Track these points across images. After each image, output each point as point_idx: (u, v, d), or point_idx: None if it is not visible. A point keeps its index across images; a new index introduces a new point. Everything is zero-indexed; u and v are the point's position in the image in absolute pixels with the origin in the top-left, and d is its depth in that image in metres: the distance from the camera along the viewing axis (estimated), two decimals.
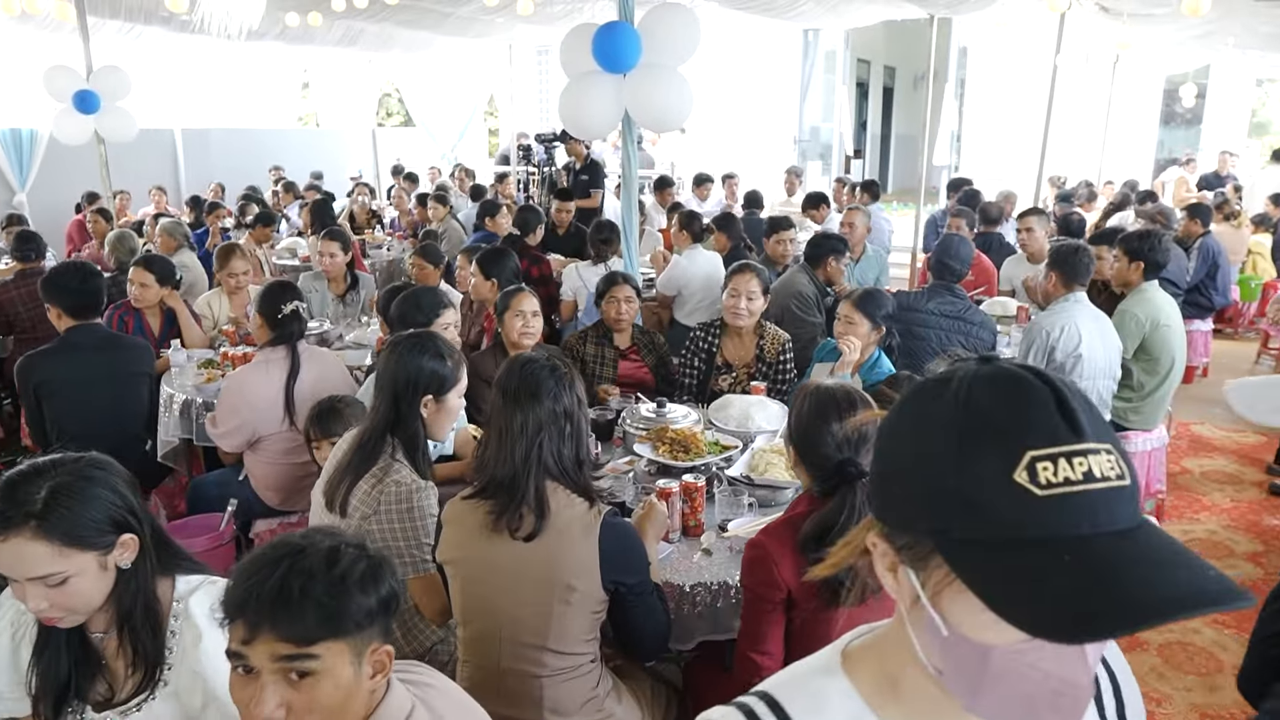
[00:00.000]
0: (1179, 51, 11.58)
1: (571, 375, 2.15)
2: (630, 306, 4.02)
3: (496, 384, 2.15)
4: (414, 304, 3.29)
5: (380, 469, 2.39)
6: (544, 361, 2.14)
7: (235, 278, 5.12)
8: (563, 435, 2.09)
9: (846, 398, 2.05)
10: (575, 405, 2.12)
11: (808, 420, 2.05)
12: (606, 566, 2.04)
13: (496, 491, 2.06)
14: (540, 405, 2.07)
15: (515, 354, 2.20)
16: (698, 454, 2.89)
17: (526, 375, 2.10)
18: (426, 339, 2.53)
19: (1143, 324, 4.36)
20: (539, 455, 2.05)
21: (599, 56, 4.39)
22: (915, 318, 4.32)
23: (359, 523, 2.35)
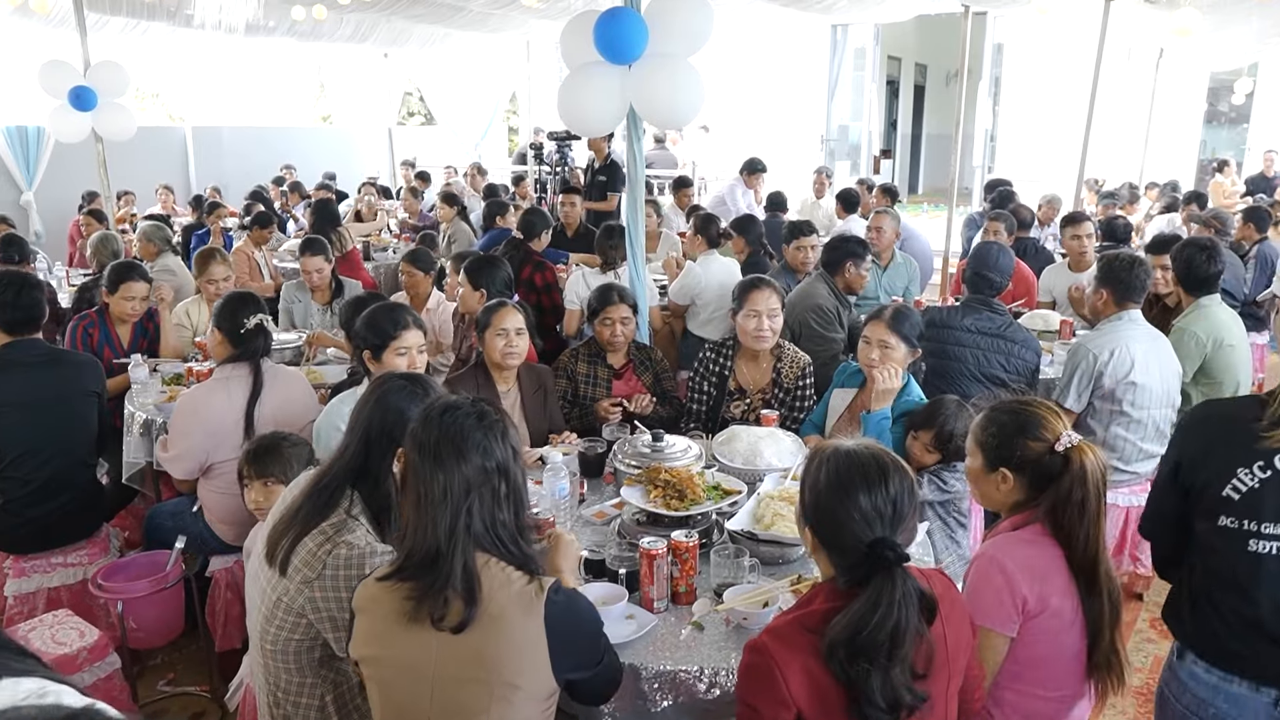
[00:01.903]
0: (1228, 47, 11.00)
1: (504, 422, 1.76)
2: (627, 328, 3.63)
3: (411, 437, 1.76)
4: (367, 323, 2.92)
5: (333, 525, 2.02)
6: (468, 407, 1.74)
7: (215, 284, 4.79)
8: (496, 497, 1.70)
9: (875, 462, 1.64)
10: (510, 458, 1.73)
11: (827, 494, 1.65)
12: (559, 656, 1.66)
13: (416, 571, 1.67)
14: (466, 462, 1.68)
15: (431, 399, 1.82)
16: (694, 500, 2.49)
17: (448, 426, 1.71)
18: (421, 384, 2.18)
19: (1204, 344, 3.90)
20: (467, 524, 1.67)
21: (601, 46, 4.00)
22: (949, 336, 3.88)
23: (299, 586, 1.98)
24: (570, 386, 3.66)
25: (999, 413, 2.06)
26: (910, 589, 1.53)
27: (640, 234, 4.32)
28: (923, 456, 2.99)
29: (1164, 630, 3.74)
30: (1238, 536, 1.85)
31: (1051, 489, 1.96)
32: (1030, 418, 2.01)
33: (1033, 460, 1.98)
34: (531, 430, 3.34)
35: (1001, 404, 2.08)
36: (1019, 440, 2.00)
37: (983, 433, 2.07)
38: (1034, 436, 1.99)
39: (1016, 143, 14.85)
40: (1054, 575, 1.95)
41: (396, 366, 2.89)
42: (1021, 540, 1.98)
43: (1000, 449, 2.03)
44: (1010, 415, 2.04)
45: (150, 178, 10.85)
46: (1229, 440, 1.88)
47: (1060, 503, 1.94)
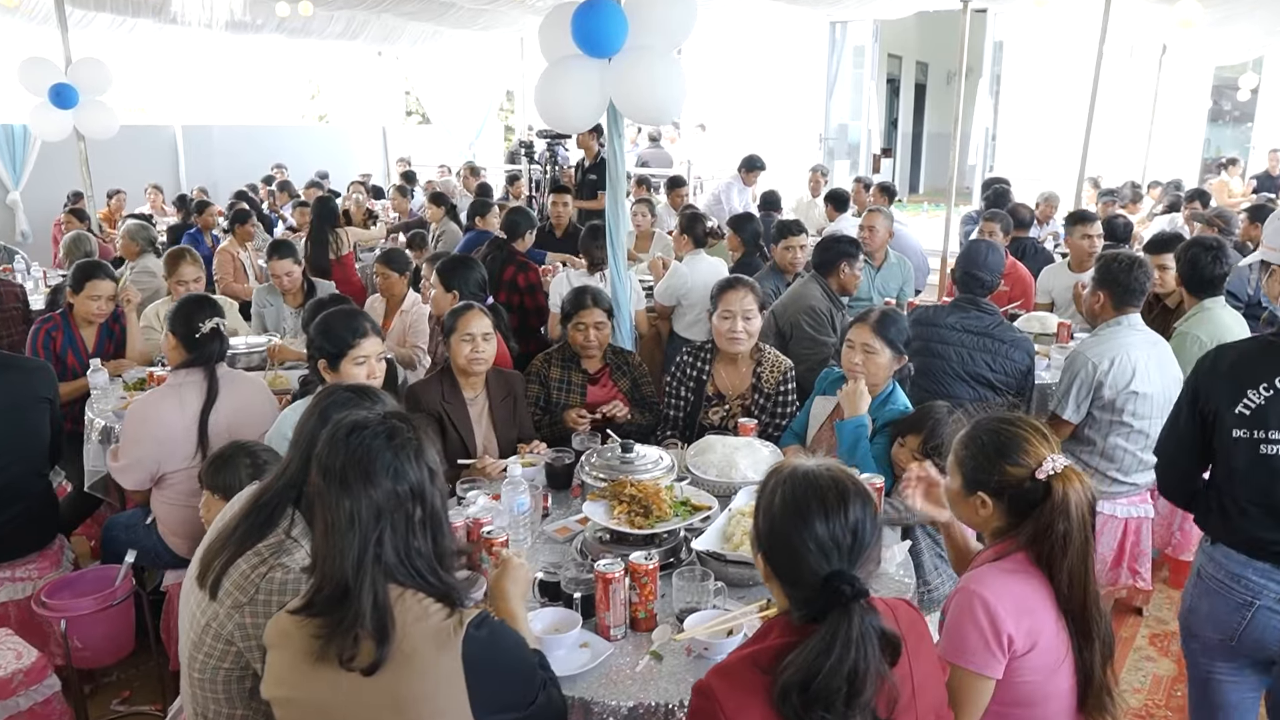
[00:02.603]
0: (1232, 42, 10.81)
1: (419, 439, 1.61)
2: (601, 333, 3.48)
3: (315, 461, 1.61)
4: (323, 330, 2.76)
5: (270, 547, 1.87)
6: (377, 425, 1.59)
7: (186, 285, 4.64)
8: (410, 523, 1.55)
9: (834, 486, 1.49)
10: (427, 479, 1.58)
11: (781, 520, 1.49)
12: (481, 697, 1.51)
13: (324, 606, 1.52)
14: (375, 487, 1.53)
15: (338, 416, 1.67)
16: (660, 517, 2.33)
17: (354, 448, 1.55)
18: (368, 395, 2.04)
19: (1206, 348, 3.70)
20: (377, 554, 1.52)
21: (579, 38, 3.86)
22: (933, 333, 3.73)
23: (229, 611, 1.83)
24: (543, 392, 3.51)
25: (980, 431, 1.90)
26: (869, 627, 1.38)
27: (621, 235, 4.17)
28: (909, 465, 2.83)
29: (1164, 647, 3.60)
30: (1250, 444, 2.21)
31: (1032, 519, 1.80)
32: (1011, 439, 1.85)
33: (1012, 486, 1.82)
34: (500, 439, 3.19)
35: (984, 421, 1.92)
36: (998, 463, 1.84)
37: (962, 451, 1.91)
38: (1014, 461, 1.83)
39: (1017, 141, 14.66)
40: (1042, 609, 1.78)
41: (354, 377, 2.74)
42: (1004, 571, 1.81)
43: (978, 471, 1.87)
44: (990, 435, 1.88)
45: (140, 177, 10.72)
46: (1239, 372, 2.24)
47: (1040, 534, 1.78)
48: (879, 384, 3.03)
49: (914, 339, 3.70)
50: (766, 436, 3.34)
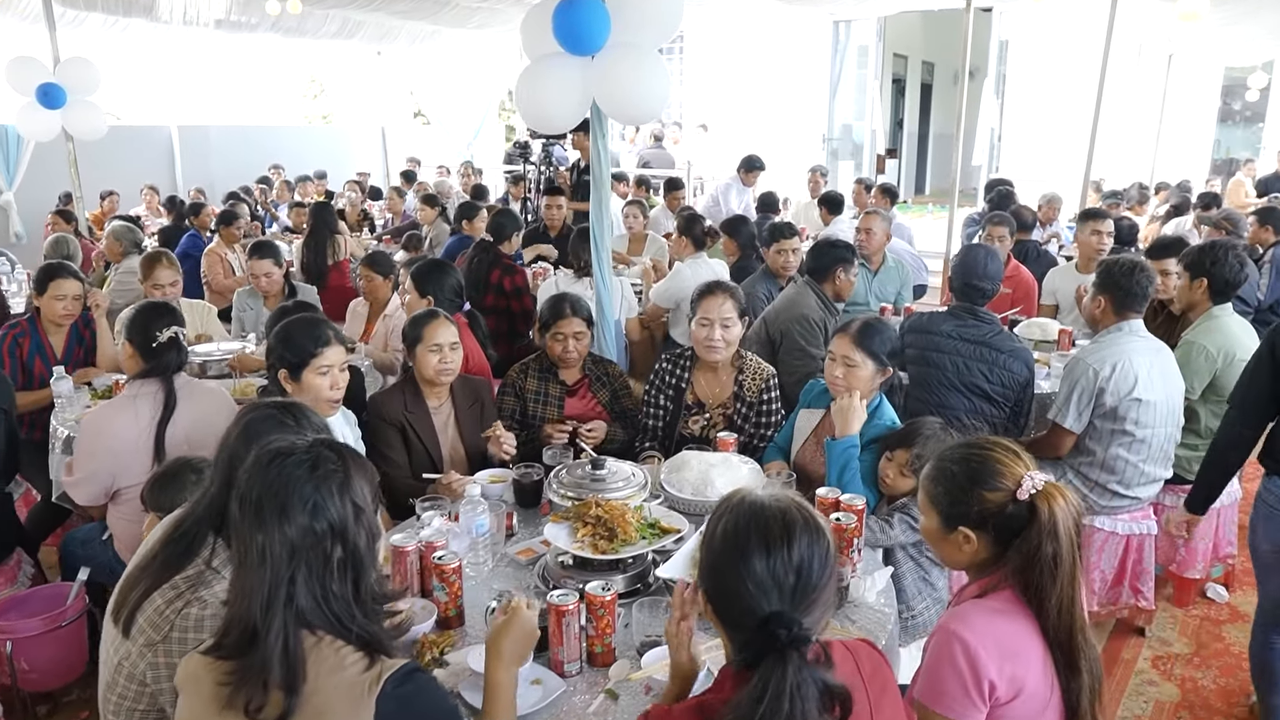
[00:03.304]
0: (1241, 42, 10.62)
1: (345, 469, 1.47)
2: (580, 343, 3.33)
3: (235, 489, 1.47)
4: (283, 339, 2.63)
5: (188, 579, 1.74)
6: (301, 454, 1.45)
7: (161, 289, 4.52)
8: (329, 565, 1.41)
9: (780, 519, 1.36)
10: (350, 516, 1.44)
11: (721, 554, 1.37)
12: None
13: (234, 649, 1.39)
14: (289, 522, 1.39)
15: (264, 442, 1.53)
16: (625, 540, 2.19)
17: (272, 478, 1.42)
18: (293, 412, 1.90)
19: (1214, 359, 3.58)
20: (289, 596, 1.38)
21: (561, 35, 3.72)
22: (928, 341, 3.58)
23: (141, 650, 1.70)
24: (518, 404, 3.37)
25: (947, 462, 1.75)
26: (807, 679, 1.23)
27: (605, 239, 4.03)
28: (897, 481, 2.68)
29: (1167, 671, 3.44)
30: None
31: (1016, 546, 1.66)
32: (983, 464, 1.70)
33: (993, 514, 1.68)
34: (468, 448, 3.06)
35: (948, 452, 1.77)
36: (974, 492, 1.69)
37: (933, 487, 1.76)
38: (990, 486, 1.68)
39: (1023, 142, 14.47)
40: (1028, 650, 1.63)
41: (317, 388, 2.61)
42: (989, 610, 1.66)
43: (954, 505, 1.72)
44: (960, 464, 1.73)
45: (135, 178, 10.62)
46: None
47: (1028, 561, 1.64)
48: (864, 398, 2.89)
49: (908, 347, 3.58)
50: (750, 448, 3.21)
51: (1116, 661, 3.49)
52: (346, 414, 2.86)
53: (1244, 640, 3.60)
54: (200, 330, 4.68)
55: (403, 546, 2.14)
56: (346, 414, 2.86)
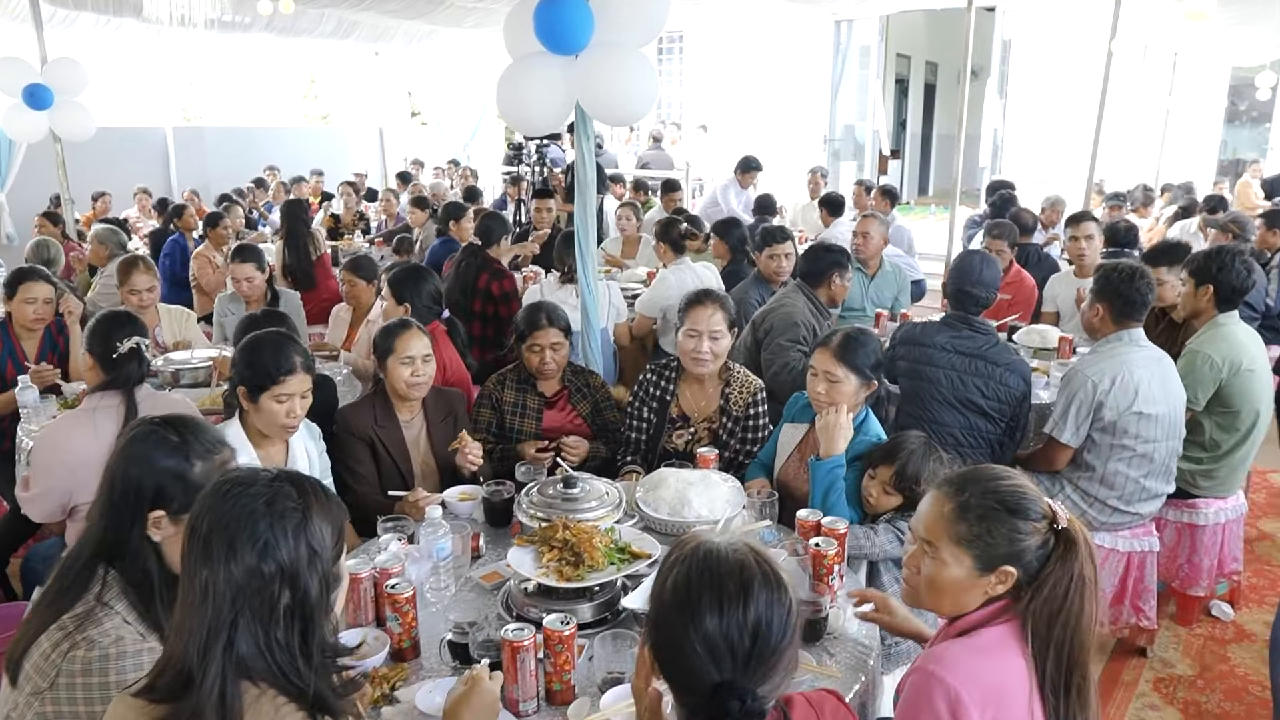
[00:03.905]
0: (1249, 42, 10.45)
1: (305, 508, 1.34)
2: (558, 354, 3.21)
3: (190, 515, 1.37)
4: (247, 358, 2.50)
5: (77, 618, 1.60)
6: (262, 485, 1.34)
7: (138, 295, 4.42)
8: (274, 611, 1.29)
9: (737, 572, 1.23)
10: (303, 560, 1.31)
11: (669, 610, 1.24)
12: None
13: (167, 692, 1.28)
14: (236, 560, 1.28)
15: (223, 472, 1.42)
16: (592, 566, 2.07)
17: (225, 510, 1.31)
18: (180, 429, 1.75)
19: (1219, 368, 3.45)
20: (229, 641, 1.26)
21: (542, 34, 3.60)
22: (922, 354, 3.44)
23: (28, 700, 1.57)
24: (495, 417, 3.25)
25: (977, 499, 1.57)
26: None
27: (590, 244, 3.91)
28: (880, 499, 2.56)
29: (1169, 694, 3.30)
30: None
31: (1047, 580, 1.53)
32: (1015, 494, 1.57)
33: (1036, 549, 1.55)
34: (440, 463, 2.94)
35: (973, 486, 1.60)
36: (1016, 525, 1.55)
37: (965, 529, 1.57)
38: (1032, 516, 1.55)
39: (1026, 143, 14.32)
40: (1018, 697, 1.49)
41: (272, 414, 2.48)
42: (977, 650, 1.53)
43: (997, 544, 1.55)
44: (993, 497, 1.57)
45: (129, 179, 10.54)
46: None
47: (1055, 598, 1.51)
48: (848, 413, 2.76)
49: (900, 359, 3.45)
50: (736, 465, 3.08)
51: (1116, 684, 3.36)
52: (310, 426, 2.74)
53: (1250, 661, 3.47)
54: (179, 337, 4.57)
55: (356, 573, 2.02)
56: (310, 426, 2.74)
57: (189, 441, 1.72)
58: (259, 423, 2.50)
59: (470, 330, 5.07)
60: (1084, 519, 3.31)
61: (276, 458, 2.59)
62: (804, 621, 1.96)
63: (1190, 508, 3.60)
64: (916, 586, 1.66)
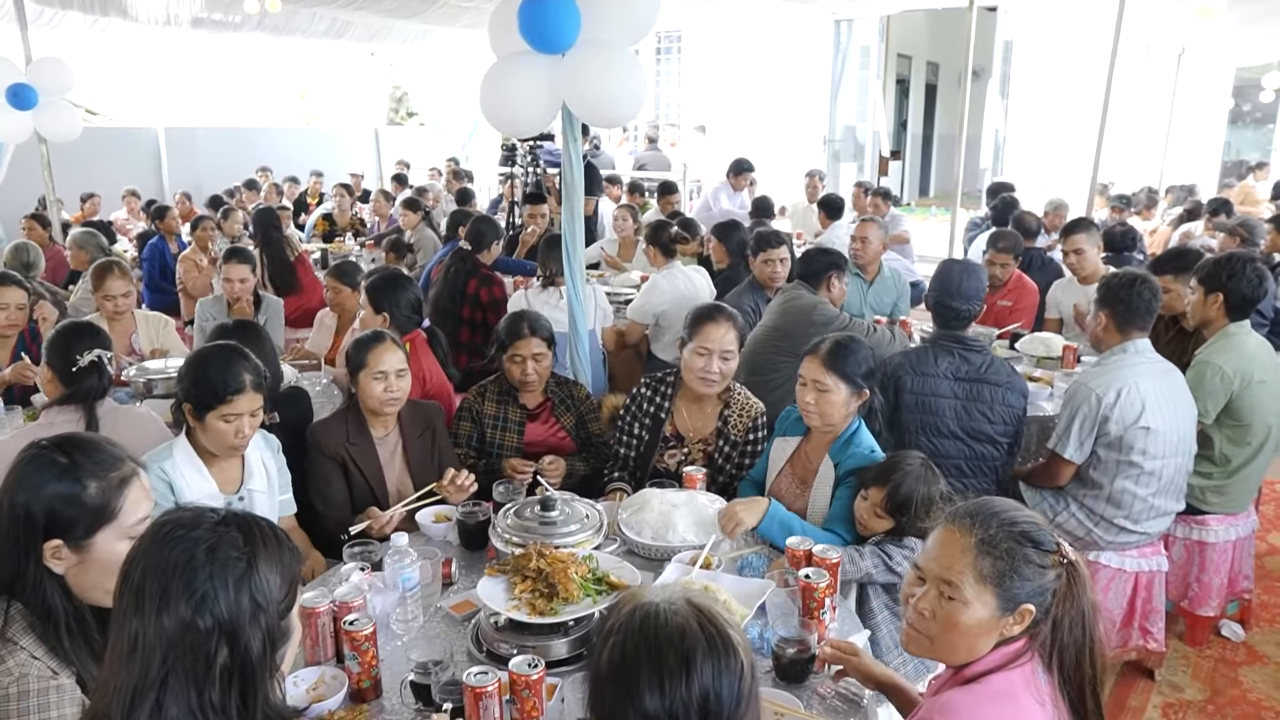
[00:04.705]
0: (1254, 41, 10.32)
1: (251, 557, 1.21)
2: (540, 364, 3.07)
3: (127, 556, 1.24)
4: (195, 375, 2.35)
5: None
6: (206, 529, 1.21)
7: (113, 300, 4.29)
8: (210, 671, 1.17)
9: (677, 642, 1.10)
10: (244, 615, 1.19)
11: (606, 684, 1.12)
12: None
13: None
14: (168, 611, 1.16)
15: (165, 513, 1.28)
16: (566, 599, 1.94)
17: (162, 555, 1.19)
18: (65, 447, 1.60)
19: (1230, 380, 3.31)
20: (158, 703, 1.14)
21: (528, 32, 3.47)
22: (927, 385, 3.19)
23: None
24: (476, 430, 3.11)
25: (1003, 528, 1.45)
26: None
27: (577, 248, 3.77)
28: (870, 522, 2.42)
29: (1177, 719, 3.19)
30: None
31: (1063, 618, 1.43)
32: (1028, 524, 1.47)
33: (1051, 584, 1.44)
34: (417, 482, 2.79)
35: (982, 515, 1.48)
36: (1035, 558, 1.44)
37: (995, 563, 1.43)
38: (1048, 547, 1.45)
39: (1028, 144, 14.18)
40: None
41: (220, 434, 2.34)
42: (990, 699, 1.41)
43: (1021, 580, 1.43)
44: (1013, 527, 1.46)
45: (120, 180, 10.40)
46: None
47: (1077, 634, 1.43)
48: (836, 425, 2.63)
49: (906, 391, 3.20)
50: (731, 491, 2.93)
51: (1124, 709, 3.22)
52: (268, 438, 2.60)
53: (1264, 685, 3.34)
54: (156, 344, 4.44)
55: (314, 606, 1.89)
56: (268, 438, 2.60)
57: (79, 463, 1.57)
58: (205, 441, 2.37)
59: (458, 337, 4.95)
60: (1089, 538, 3.18)
61: (231, 473, 2.46)
62: (789, 662, 1.83)
63: (1199, 525, 3.46)
64: (927, 633, 1.51)
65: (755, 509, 2.41)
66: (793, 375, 3.64)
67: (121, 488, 1.58)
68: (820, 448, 2.66)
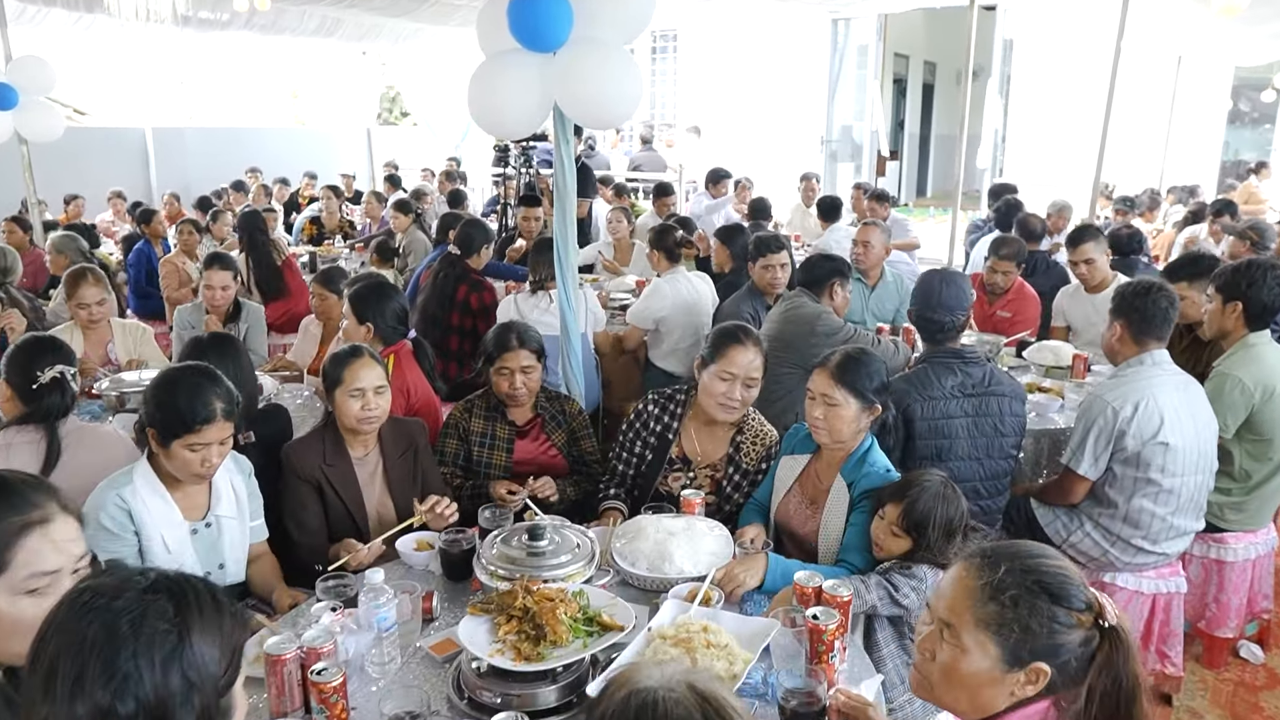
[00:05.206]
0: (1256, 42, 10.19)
1: (183, 628, 1.06)
2: (530, 378, 2.91)
3: (41, 626, 1.09)
4: (160, 400, 2.18)
5: None
6: (129, 597, 1.06)
7: (87, 309, 4.14)
8: None
9: None
10: (176, 694, 1.03)
11: None
12: None
13: None
14: (82, 696, 1.00)
15: (85, 579, 1.13)
16: (555, 642, 1.79)
17: (81, 627, 1.04)
18: None
19: (1250, 393, 3.17)
20: None
21: (517, 30, 3.31)
22: (938, 409, 3.01)
23: None
24: (463, 448, 2.96)
25: (1018, 573, 1.32)
26: None
27: (569, 253, 3.62)
28: (888, 543, 2.27)
29: None
30: None
31: (1096, 689, 1.28)
32: (1058, 577, 1.32)
33: (1076, 647, 1.29)
34: (398, 505, 2.64)
35: (999, 555, 1.35)
36: (1056, 612, 1.30)
37: (1001, 610, 1.30)
38: (1076, 605, 1.30)
39: (1028, 144, 14.06)
40: None
41: (185, 462, 2.18)
42: None
43: (1034, 634, 1.29)
44: (1030, 574, 1.32)
45: (108, 182, 10.22)
46: None
47: (1109, 708, 1.28)
48: (847, 443, 2.48)
49: (918, 420, 2.99)
50: (732, 516, 2.77)
51: None
52: (239, 460, 2.45)
53: None
54: (134, 354, 4.28)
55: (279, 654, 1.74)
56: (239, 460, 2.45)
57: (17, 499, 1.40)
58: (169, 467, 2.21)
59: (448, 345, 4.79)
60: (1106, 559, 3.05)
61: (197, 498, 2.31)
62: (795, 715, 1.69)
63: (1218, 543, 3.33)
64: (929, 676, 1.40)
65: (756, 569, 2.22)
66: (794, 388, 3.53)
67: (18, 536, 1.37)
68: (831, 466, 2.52)
